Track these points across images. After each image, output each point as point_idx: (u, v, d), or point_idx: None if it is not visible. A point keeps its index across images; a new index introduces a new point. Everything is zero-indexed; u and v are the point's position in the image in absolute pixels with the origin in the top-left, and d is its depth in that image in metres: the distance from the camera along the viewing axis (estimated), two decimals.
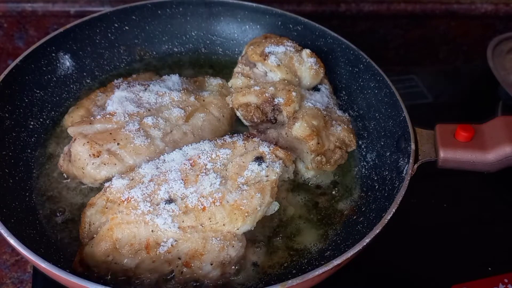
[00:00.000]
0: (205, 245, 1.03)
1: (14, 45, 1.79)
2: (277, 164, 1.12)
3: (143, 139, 1.17)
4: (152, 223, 1.02)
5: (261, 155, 1.12)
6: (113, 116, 1.20)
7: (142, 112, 1.22)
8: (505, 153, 1.14)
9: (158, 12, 1.52)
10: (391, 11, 1.92)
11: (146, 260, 1.02)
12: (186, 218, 1.03)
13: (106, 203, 1.07)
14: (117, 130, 1.18)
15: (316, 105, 1.28)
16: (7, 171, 1.16)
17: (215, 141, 1.17)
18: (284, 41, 1.39)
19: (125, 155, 1.16)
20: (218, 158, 1.12)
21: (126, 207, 1.04)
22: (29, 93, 1.30)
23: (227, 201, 1.05)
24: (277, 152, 1.15)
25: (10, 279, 1.22)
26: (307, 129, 1.22)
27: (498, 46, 1.73)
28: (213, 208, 1.04)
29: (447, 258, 1.30)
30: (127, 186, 1.08)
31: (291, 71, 1.32)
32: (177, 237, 1.02)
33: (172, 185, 1.07)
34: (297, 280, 0.94)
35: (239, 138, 1.17)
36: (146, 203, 1.04)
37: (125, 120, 1.20)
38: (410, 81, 1.82)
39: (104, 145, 1.16)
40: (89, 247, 1.03)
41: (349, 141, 1.28)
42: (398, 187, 1.13)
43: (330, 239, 1.18)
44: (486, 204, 1.46)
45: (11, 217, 1.06)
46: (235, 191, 1.06)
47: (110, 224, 1.03)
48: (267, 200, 1.08)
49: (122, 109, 1.22)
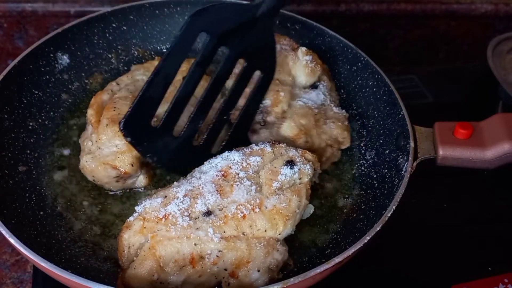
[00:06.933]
0: (250, 252, 1.02)
1: (14, 45, 1.80)
2: (308, 166, 1.12)
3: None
4: (194, 236, 1.00)
5: (291, 159, 1.12)
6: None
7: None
8: (504, 150, 1.14)
9: (156, 12, 1.52)
10: (391, 11, 1.92)
11: (193, 275, 1.01)
12: (227, 228, 1.02)
13: (143, 223, 1.04)
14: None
15: (307, 104, 1.28)
16: (7, 172, 1.16)
17: (243, 150, 1.16)
18: (281, 39, 1.39)
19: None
20: (249, 166, 1.11)
21: (165, 224, 1.02)
22: (28, 93, 1.30)
23: (266, 206, 1.05)
24: (305, 155, 1.15)
25: (10, 279, 1.22)
26: (294, 129, 1.23)
27: (498, 46, 1.73)
28: (253, 215, 1.03)
29: (447, 258, 1.30)
30: (162, 204, 1.05)
31: (285, 71, 1.32)
32: (221, 248, 1.01)
33: (208, 197, 1.05)
34: (298, 278, 0.94)
35: (266, 145, 1.16)
36: (185, 217, 1.02)
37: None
38: (410, 81, 1.81)
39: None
40: (132, 270, 1.01)
41: (343, 138, 1.29)
42: (398, 184, 1.13)
43: (330, 237, 1.18)
44: (486, 204, 1.46)
45: (12, 218, 1.07)
46: (272, 196, 1.06)
47: (151, 243, 1.01)
48: (303, 202, 1.09)
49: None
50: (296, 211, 1.07)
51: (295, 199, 1.07)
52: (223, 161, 1.13)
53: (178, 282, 1.01)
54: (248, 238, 1.03)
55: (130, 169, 1.17)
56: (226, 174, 1.09)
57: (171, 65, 1.10)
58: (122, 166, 1.16)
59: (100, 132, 1.18)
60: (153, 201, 1.07)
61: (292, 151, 1.15)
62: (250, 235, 1.03)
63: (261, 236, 1.04)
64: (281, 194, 1.07)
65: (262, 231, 1.03)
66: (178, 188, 1.08)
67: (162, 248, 1.00)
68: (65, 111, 1.35)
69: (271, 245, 1.04)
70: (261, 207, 1.04)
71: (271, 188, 1.07)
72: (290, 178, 1.09)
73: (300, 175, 1.11)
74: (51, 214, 1.17)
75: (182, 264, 1.01)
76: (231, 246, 1.01)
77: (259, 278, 1.03)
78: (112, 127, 1.18)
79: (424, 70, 1.92)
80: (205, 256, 1.01)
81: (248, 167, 1.11)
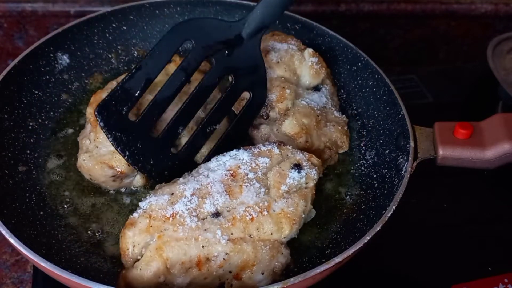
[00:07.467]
0: (256, 254, 1.02)
1: (14, 45, 1.80)
2: (314, 171, 1.12)
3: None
4: (202, 238, 0.99)
5: (298, 163, 1.12)
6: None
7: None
8: (504, 150, 1.14)
9: (156, 12, 1.52)
10: (391, 11, 1.92)
11: (198, 277, 1.00)
12: (235, 229, 1.02)
13: (149, 221, 1.02)
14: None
15: (310, 104, 1.29)
16: (7, 172, 1.16)
17: (251, 150, 1.15)
18: (289, 39, 1.40)
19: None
20: (258, 167, 1.10)
21: (173, 224, 1.01)
22: (28, 93, 1.30)
23: (274, 210, 1.05)
24: (312, 159, 1.16)
25: (10, 279, 1.22)
26: (296, 127, 1.24)
27: (498, 46, 1.73)
28: (261, 218, 1.03)
29: (447, 258, 1.30)
30: (169, 202, 1.04)
31: (290, 69, 1.33)
32: (228, 250, 1.00)
33: (216, 197, 1.04)
34: (298, 278, 0.94)
35: (273, 146, 1.16)
36: (193, 217, 1.01)
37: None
38: (410, 81, 1.81)
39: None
40: (137, 270, 0.99)
41: (341, 142, 1.30)
42: (398, 184, 1.13)
43: (330, 237, 1.18)
44: (486, 204, 1.46)
45: (12, 218, 1.06)
46: (280, 200, 1.06)
47: (158, 243, 0.99)
48: (309, 207, 1.10)
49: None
50: (302, 215, 1.07)
51: (302, 204, 1.08)
52: (232, 160, 1.12)
53: (183, 284, 1.00)
54: (254, 241, 1.03)
55: (127, 169, 1.17)
56: (235, 174, 1.09)
57: (153, 63, 1.13)
58: (119, 165, 1.16)
59: (98, 131, 1.18)
60: (159, 198, 1.05)
61: (299, 154, 1.15)
62: (257, 238, 1.03)
63: (266, 239, 1.03)
64: (289, 198, 1.07)
65: (268, 234, 1.03)
66: (185, 186, 1.07)
67: (170, 250, 0.99)
68: (65, 111, 1.35)
69: (275, 248, 1.04)
70: (269, 210, 1.04)
71: (279, 191, 1.07)
72: (298, 182, 1.09)
73: (307, 179, 1.11)
74: (51, 214, 1.16)
75: (188, 266, 0.99)
76: (237, 248, 1.01)
77: (262, 280, 1.03)
78: None
79: (424, 70, 1.92)
80: (211, 259, 1.00)
81: (257, 168, 1.10)
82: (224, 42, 1.18)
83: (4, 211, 1.06)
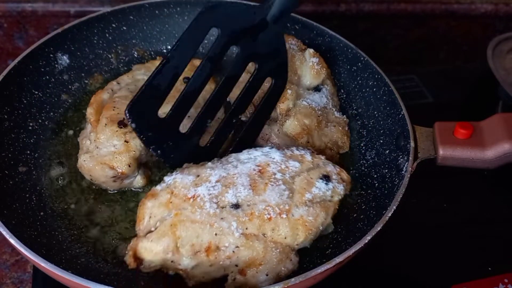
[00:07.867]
0: (265, 255, 1.02)
1: (14, 45, 1.80)
2: (341, 186, 1.12)
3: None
4: (217, 226, 1.00)
5: (328, 174, 1.11)
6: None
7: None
8: (504, 150, 1.14)
9: (156, 12, 1.52)
10: (391, 11, 1.93)
11: (204, 263, 1.01)
12: (251, 225, 1.02)
13: (170, 196, 1.04)
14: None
15: (311, 104, 1.29)
16: (7, 172, 1.17)
17: (284, 150, 1.15)
18: (289, 39, 1.40)
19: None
20: (287, 169, 1.10)
21: (192, 205, 1.02)
22: (28, 94, 1.30)
23: (293, 214, 1.04)
24: (342, 174, 1.14)
25: (10, 279, 1.22)
26: (298, 127, 1.24)
27: (498, 46, 1.73)
28: (278, 220, 1.03)
29: (447, 258, 1.30)
30: (193, 183, 1.05)
31: (291, 70, 1.32)
32: (239, 244, 1.01)
33: (240, 189, 1.04)
34: (299, 278, 0.95)
35: (306, 152, 1.15)
36: (213, 204, 1.02)
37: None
38: (410, 81, 1.82)
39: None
40: (148, 241, 1.01)
41: (342, 143, 1.31)
42: (398, 184, 1.13)
43: (331, 237, 1.18)
44: (486, 204, 1.46)
45: (12, 218, 1.07)
46: (302, 207, 1.05)
47: (173, 220, 1.01)
48: (328, 220, 1.09)
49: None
50: (320, 227, 1.07)
51: (322, 215, 1.07)
52: (263, 156, 1.12)
53: (188, 266, 1.01)
54: (266, 241, 1.02)
55: (127, 170, 1.17)
56: (263, 171, 1.08)
57: (180, 56, 1.08)
58: (120, 166, 1.16)
59: (99, 131, 1.18)
60: (185, 177, 1.06)
61: (330, 166, 1.14)
62: (270, 238, 1.03)
63: (279, 242, 1.03)
64: (311, 207, 1.06)
65: (282, 237, 1.03)
66: (212, 171, 1.08)
67: (184, 229, 1.00)
68: (65, 111, 1.35)
69: (286, 253, 1.04)
70: (288, 214, 1.04)
71: (303, 198, 1.07)
72: (323, 193, 1.09)
73: (332, 192, 1.10)
74: (51, 214, 1.16)
75: (197, 249, 1.00)
76: (249, 244, 1.01)
77: (265, 281, 1.03)
78: (111, 126, 1.18)
79: (424, 70, 1.92)
80: (221, 248, 1.01)
81: (286, 170, 1.10)
82: (249, 28, 1.15)
83: (4, 212, 1.06)
